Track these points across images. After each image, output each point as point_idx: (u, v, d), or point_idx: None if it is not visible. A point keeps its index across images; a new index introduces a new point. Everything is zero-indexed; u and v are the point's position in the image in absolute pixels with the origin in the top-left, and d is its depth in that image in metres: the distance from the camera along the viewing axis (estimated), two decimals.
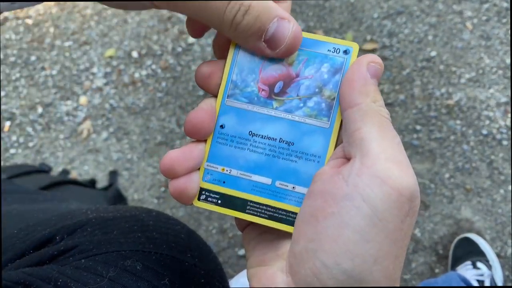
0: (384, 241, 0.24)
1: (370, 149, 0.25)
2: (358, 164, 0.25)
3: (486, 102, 1.28)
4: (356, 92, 0.26)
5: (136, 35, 1.47)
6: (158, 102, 1.38)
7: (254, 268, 0.28)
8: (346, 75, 0.27)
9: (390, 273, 0.24)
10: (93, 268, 0.31)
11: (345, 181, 0.25)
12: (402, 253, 0.25)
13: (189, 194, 0.29)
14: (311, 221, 0.25)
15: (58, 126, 1.38)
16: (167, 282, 0.32)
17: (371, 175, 0.24)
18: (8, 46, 1.49)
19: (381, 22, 1.41)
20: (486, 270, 1.04)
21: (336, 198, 0.25)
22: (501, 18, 1.38)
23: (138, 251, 0.33)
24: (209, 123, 0.29)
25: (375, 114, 0.26)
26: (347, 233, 0.24)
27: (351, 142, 0.26)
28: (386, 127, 0.26)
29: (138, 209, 0.40)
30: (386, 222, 0.24)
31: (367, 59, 0.27)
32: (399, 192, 0.24)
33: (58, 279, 0.30)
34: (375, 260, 0.24)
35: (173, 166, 0.28)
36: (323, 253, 0.24)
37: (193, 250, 0.37)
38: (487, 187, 1.20)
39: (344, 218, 0.24)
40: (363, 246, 0.24)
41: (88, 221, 0.37)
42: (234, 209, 0.29)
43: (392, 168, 0.24)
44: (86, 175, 1.31)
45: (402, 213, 0.24)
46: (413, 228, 0.25)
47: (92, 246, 0.33)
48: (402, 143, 0.26)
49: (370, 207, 0.24)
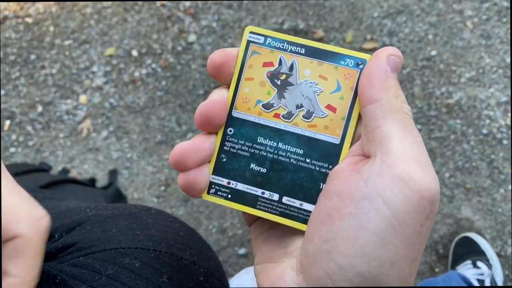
0: (402, 244, 0.23)
1: (391, 148, 0.24)
2: (378, 163, 0.24)
3: (486, 102, 1.28)
4: (377, 87, 0.25)
5: (136, 34, 1.47)
6: (158, 101, 1.38)
7: (262, 265, 0.28)
8: (365, 70, 0.26)
9: (406, 276, 0.24)
10: (91, 266, 0.31)
11: (364, 181, 0.24)
12: (418, 257, 0.24)
13: (198, 187, 0.28)
14: (326, 220, 0.25)
15: (58, 125, 1.38)
16: (166, 280, 0.32)
17: (392, 176, 0.23)
18: (8, 45, 1.49)
19: (381, 21, 1.41)
20: (486, 269, 1.04)
21: (354, 198, 0.24)
22: (502, 17, 1.37)
23: (137, 248, 0.33)
24: (221, 114, 0.28)
25: (397, 111, 0.24)
26: (365, 235, 0.23)
27: (371, 139, 0.25)
28: (408, 125, 0.24)
29: (137, 207, 0.40)
30: (405, 225, 0.23)
31: (387, 52, 0.25)
32: (420, 195, 0.23)
33: (56, 276, 0.30)
34: (392, 264, 0.23)
35: (183, 158, 0.27)
36: (338, 254, 0.23)
37: (192, 248, 0.37)
38: (487, 186, 1.20)
39: (362, 220, 0.23)
40: (381, 249, 0.23)
41: (87, 218, 0.37)
42: (244, 204, 0.28)
43: (414, 169, 0.23)
44: (86, 174, 1.31)
45: (422, 217, 0.23)
46: (430, 232, 0.25)
47: (90, 244, 0.33)
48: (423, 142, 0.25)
49: (390, 210, 0.23)
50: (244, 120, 0.28)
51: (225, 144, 0.28)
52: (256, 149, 0.28)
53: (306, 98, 0.28)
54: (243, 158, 0.28)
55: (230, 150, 0.28)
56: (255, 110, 0.28)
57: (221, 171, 0.28)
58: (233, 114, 0.28)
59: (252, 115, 0.28)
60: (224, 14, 1.46)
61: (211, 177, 0.28)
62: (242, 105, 0.28)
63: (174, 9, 1.49)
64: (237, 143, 0.28)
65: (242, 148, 0.28)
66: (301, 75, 0.28)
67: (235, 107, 0.28)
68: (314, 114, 0.28)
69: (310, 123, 0.28)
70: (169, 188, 1.28)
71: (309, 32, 1.40)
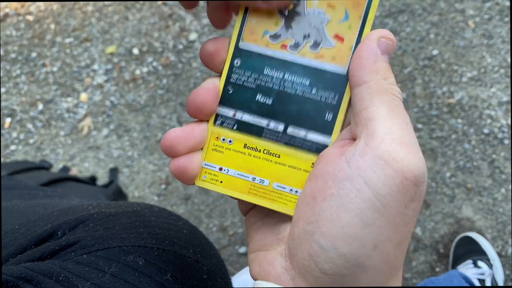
0: (386, 226, 0.23)
1: (376, 129, 0.23)
2: (362, 144, 0.23)
3: (487, 101, 1.28)
4: (366, 69, 0.25)
5: (137, 32, 1.47)
6: (159, 99, 1.38)
7: (254, 253, 0.28)
8: (356, 52, 0.26)
9: (391, 259, 0.23)
10: (95, 263, 0.31)
11: (347, 162, 0.24)
12: (405, 240, 0.24)
13: (190, 173, 0.28)
14: (310, 202, 0.24)
15: (59, 123, 1.38)
16: (170, 278, 0.32)
17: (374, 157, 0.23)
18: (8, 43, 1.49)
19: (383, 21, 1.41)
20: (487, 269, 1.04)
21: (337, 179, 0.23)
22: (503, 17, 1.37)
23: (140, 246, 0.33)
24: (212, 102, 0.28)
25: (384, 92, 0.24)
26: (346, 216, 0.23)
27: (358, 121, 0.25)
28: (396, 107, 0.24)
29: (140, 205, 0.40)
30: (388, 207, 0.22)
31: (378, 34, 0.25)
32: (403, 175, 0.22)
33: (59, 274, 0.30)
34: (375, 246, 0.23)
35: (173, 144, 0.27)
36: (320, 235, 0.23)
37: (196, 246, 0.37)
38: (488, 186, 1.20)
39: (343, 200, 0.23)
40: (362, 230, 0.22)
41: (90, 216, 0.37)
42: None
43: (397, 149, 0.23)
44: (87, 172, 1.31)
45: (406, 198, 0.23)
46: (418, 213, 0.24)
47: (94, 242, 0.33)
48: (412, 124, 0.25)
49: (371, 190, 0.22)
50: (251, 51, 0.28)
51: (231, 75, 0.28)
52: (262, 81, 0.28)
53: (313, 29, 0.27)
54: (249, 90, 0.28)
55: (237, 82, 0.28)
56: (262, 41, 0.28)
57: (227, 102, 0.28)
58: (239, 46, 0.28)
59: (259, 45, 0.28)
60: None
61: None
62: (249, 36, 0.28)
63: (175, 7, 1.49)
64: (244, 74, 0.28)
65: (248, 80, 0.28)
66: (309, 3, 0.27)
67: (242, 38, 0.28)
68: (321, 45, 0.27)
69: (317, 53, 0.27)
70: (169, 187, 1.28)
71: None
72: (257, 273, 0.27)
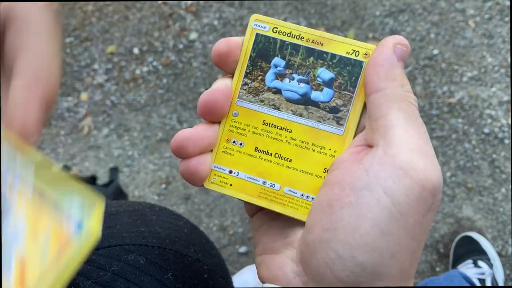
0: (403, 235, 0.23)
1: (394, 138, 0.23)
2: (380, 153, 0.23)
3: (488, 101, 1.28)
4: (382, 76, 0.24)
5: (137, 32, 1.47)
6: (159, 99, 1.38)
7: (262, 256, 0.27)
8: (371, 58, 0.25)
9: (406, 268, 0.23)
10: (96, 262, 0.31)
11: (366, 170, 0.23)
12: (419, 248, 0.24)
13: (199, 175, 0.27)
14: (326, 210, 0.24)
15: (59, 122, 1.38)
16: (171, 277, 0.32)
17: (393, 166, 0.23)
18: None
19: (383, 20, 1.41)
20: (487, 268, 1.04)
21: (355, 188, 0.23)
22: (504, 17, 1.37)
23: (142, 245, 0.33)
24: (224, 103, 0.27)
25: (402, 100, 0.24)
26: (365, 225, 0.23)
27: (375, 129, 0.24)
28: (413, 115, 0.24)
29: (141, 204, 0.40)
30: (406, 216, 0.22)
31: (393, 41, 0.25)
32: (422, 186, 0.22)
33: None
34: (392, 255, 0.23)
35: (184, 145, 0.27)
36: (338, 243, 0.23)
37: (196, 245, 0.37)
38: (488, 185, 1.20)
39: (362, 209, 0.23)
40: (381, 240, 0.22)
41: None
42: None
43: (416, 159, 0.23)
44: (87, 171, 1.31)
45: (424, 208, 0.23)
46: (432, 223, 0.24)
47: None
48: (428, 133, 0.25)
49: (390, 200, 0.22)
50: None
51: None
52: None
53: None
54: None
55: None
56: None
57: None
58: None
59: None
60: (225, 12, 1.46)
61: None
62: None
63: (176, 7, 1.49)
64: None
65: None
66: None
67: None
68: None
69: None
70: (170, 186, 1.28)
71: None
72: (265, 276, 0.27)
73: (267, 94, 0.28)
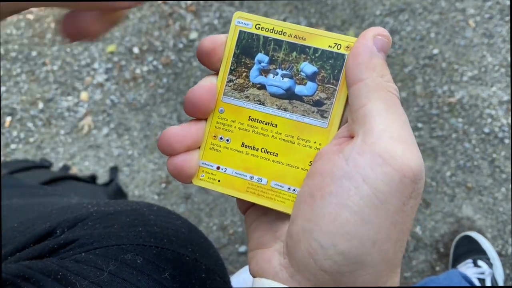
0: (384, 223, 0.23)
1: (373, 127, 0.23)
2: (359, 142, 0.24)
3: (488, 100, 1.28)
4: (362, 66, 0.25)
5: (137, 31, 1.47)
6: (159, 98, 1.38)
7: (253, 251, 0.28)
8: (352, 50, 0.26)
9: (390, 257, 0.23)
10: (93, 262, 0.31)
11: (345, 159, 0.24)
12: (403, 237, 0.24)
13: (187, 172, 0.28)
14: (308, 200, 0.24)
15: (59, 121, 1.38)
16: (168, 276, 0.32)
17: (372, 154, 0.23)
18: (9, 41, 1.49)
19: (383, 20, 1.41)
20: (487, 268, 1.04)
21: (335, 177, 0.23)
22: (504, 16, 1.37)
23: (139, 245, 0.33)
24: (210, 100, 0.28)
25: (381, 90, 0.24)
26: (345, 214, 0.23)
27: (355, 119, 0.25)
28: (393, 104, 0.24)
29: (139, 203, 0.40)
30: (387, 204, 0.22)
31: (373, 32, 0.25)
32: (402, 173, 0.22)
33: (58, 272, 0.30)
34: (374, 243, 0.23)
35: (171, 142, 0.27)
36: (319, 233, 0.23)
37: (194, 244, 0.37)
38: (488, 185, 1.20)
39: (342, 198, 0.23)
40: (361, 228, 0.23)
41: (89, 214, 0.37)
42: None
43: (395, 147, 0.23)
44: (87, 170, 1.31)
45: (404, 195, 0.23)
46: (416, 211, 0.24)
47: (92, 240, 0.33)
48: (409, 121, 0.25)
49: (370, 188, 0.22)
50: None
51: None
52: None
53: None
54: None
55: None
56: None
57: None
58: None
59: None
60: (225, 12, 1.45)
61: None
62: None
63: (176, 6, 1.49)
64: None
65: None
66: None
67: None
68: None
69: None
70: (169, 186, 1.28)
71: None
72: (255, 270, 0.27)
73: (252, 90, 0.28)
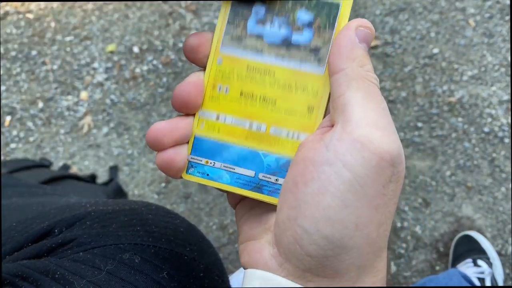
0: (365, 206, 0.23)
1: (352, 114, 0.24)
2: (339, 129, 0.24)
3: (488, 100, 1.28)
4: (343, 56, 0.25)
5: (137, 30, 1.47)
6: (159, 98, 1.38)
7: (244, 243, 0.28)
8: (335, 41, 0.26)
9: (373, 240, 0.24)
10: (91, 261, 0.31)
11: (326, 146, 0.24)
12: (386, 220, 0.24)
13: (176, 166, 0.28)
14: (292, 188, 0.25)
15: (59, 121, 1.38)
16: (166, 276, 0.32)
17: (351, 140, 0.24)
18: (9, 41, 1.49)
19: (383, 19, 1.40)
20: (486, 268, 1.04)
21: (316, 164, 0.24)
22: (504, 16, 1.37)
23: (137, 244, 0.33)
24: (197, 96, 0.28)
25: (360, 79, 0.25)
26: (327, 199, 0.23)
27: (335, 107, 0.25)
28: (372, 92, 0.25)
29: (138, 203, 0.40)
30: (366, 187, 0.23)
31: (356, 23, 0.26)
32: (380, 156, 0.23)
33: (55, 271, 0.30)
34: (356, 226, 0.23)
35: (158, 137, 0.27)
36: (304, 219, 0.24)
37: (192, 244, 0.37)
38: (488, 185, 1.20)
39: (323, 184, 0.24)
40: (343, 212, 0.23)
41: (87, 214, 0.37)
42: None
43: (373, 132, 0.24)
44: (87, 170, 1.31)
45: (383, 178, 0.23)
46: (399, 195, 0.25)
47: (90, 239, 0.33)
48: (388, 109, 0.25)
49: (350, 173, 0.23)
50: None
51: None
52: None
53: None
54: None
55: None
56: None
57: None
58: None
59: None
60: None
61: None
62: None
63: (176, 5, 1.49)
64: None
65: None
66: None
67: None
68: None
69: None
70: (169, 185, 1.28)
71: None
72: (246, 261, 0.27)
73: (249, 40, 0.28)
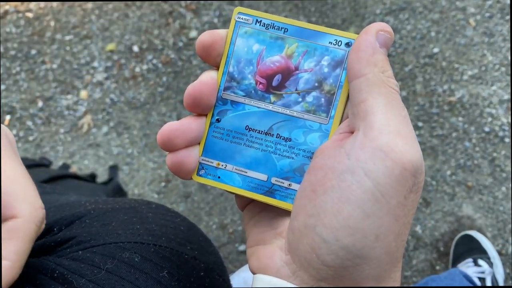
0: (386, 217, 0.23)
1: (374, 122, 0.23)
2: (361, 136, 0.24)
3: (488, 99, 1.28)
4: (364, 61, 0.25)
5: (137, 30, 1.47)
6: (159, 97, 1.37)
7: (253, 247, 0.28)
8: (354, 45, 0.26)
9: (392, 250, 0.23)
10: (90, 260, 0.31)
11: (347, 154, 0.24)
12: (404, 231, 0.24)
13: (187, 168, 0.28)
14: (310, 195, 0.25)
15: (59, 120, 1.38)
16: (166, 275, 0.32)
17: (373, 148, 0.23)
18: (8, 40, 1.49)
19: (383, 18, 1.40)
20: (487, 267, 1.04)
21: (337, 172, 0.24)
22: (504, 15, 1.37)
23: (137, 243, 0.33)
24: (210, 95, 0.27)
25: (382, 85, 0.24)
26: (348, 208, 0.23)
27: (356, 114, 0.25)
28: (393, 99, 0.24)
29: (138, 201, 0.40)
30: (388, 197, 0.23)
31: (376, 27, 0.25)
32: (402, 166, 0.23)
33: (54, 270, 0.30)
34: (377, 236, 0.23)
35: (170, 137, 0.27)
36: (322, 227, 0.23)
37: (193, 242, 0.37)
38: (488, 184, 1.20)
39: (344, 192, 0.23)
40: (364, 221, 0.23)
41: (87, 212, 0.36)
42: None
43: (396, 141, 0.23)
44: (86, 169, 1.31)
45: (405, 189, 0.23)
46: (417, 205, 0.24)
47: (90, 238, 0.33)
48: (409, 117, 0.25)
49: (372, 182, 0.23)
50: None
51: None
52: None
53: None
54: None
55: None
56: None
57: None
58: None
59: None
60: (225, 10, 1.45)
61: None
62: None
63: (176, 5, 1.49)
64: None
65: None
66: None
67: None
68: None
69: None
70: (169, 184, 1.27)
71: None
72: (255, 266, 0.27)
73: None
